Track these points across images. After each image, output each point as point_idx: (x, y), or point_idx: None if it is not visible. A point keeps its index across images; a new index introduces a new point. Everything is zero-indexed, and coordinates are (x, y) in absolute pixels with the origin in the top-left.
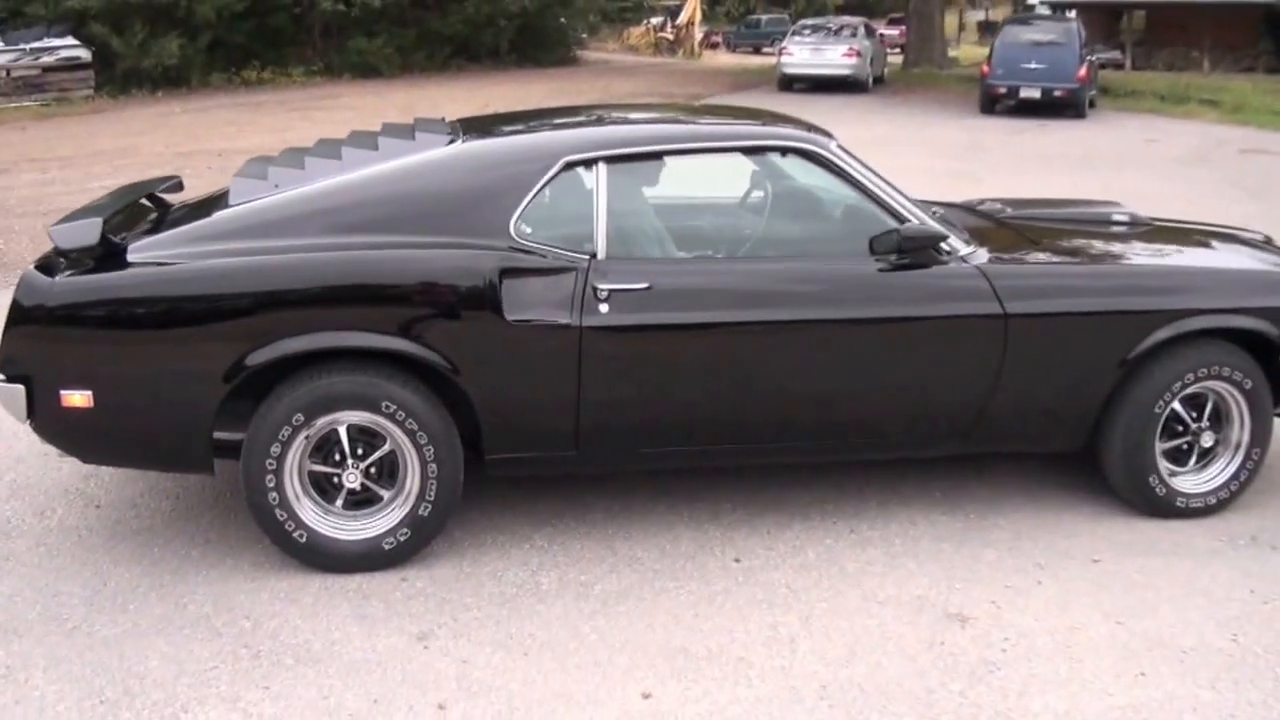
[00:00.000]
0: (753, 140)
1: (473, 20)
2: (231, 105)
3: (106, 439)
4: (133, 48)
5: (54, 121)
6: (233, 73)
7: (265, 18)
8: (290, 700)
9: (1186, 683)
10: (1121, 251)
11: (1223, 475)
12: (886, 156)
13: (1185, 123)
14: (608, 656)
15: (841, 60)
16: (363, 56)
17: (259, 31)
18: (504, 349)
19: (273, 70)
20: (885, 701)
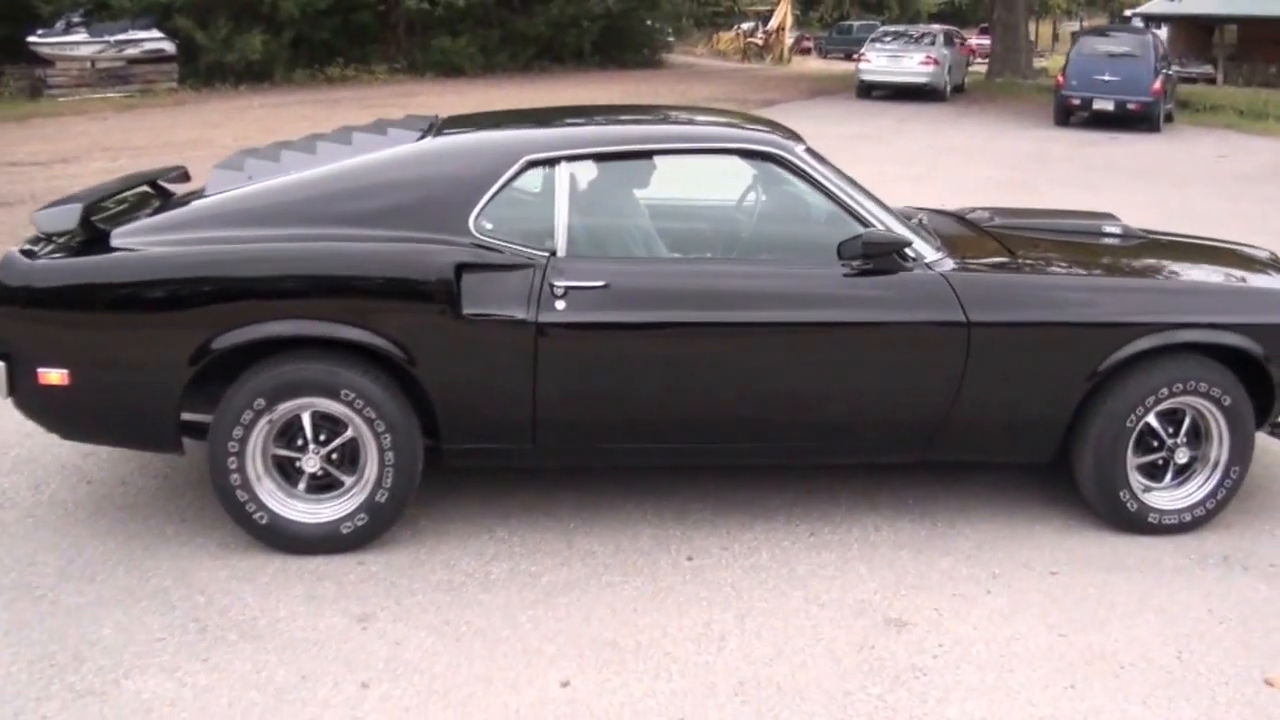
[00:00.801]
0: (718, 143)
1: (557, 21)
2: (310, 101)
3: (81, 416)
4: (216, 42)
5: (135, 112)
6: (316, 69)
7: (350, 15)
8: (225, 673)
9: (1117, 697)
10: (1098, 263)
11: (1200, 493)
12: (947, 165)
13: (1261, 139)
14: (537, 645)
15: (919, 68)
16: (446, 56)
17: (343, 28)
18: (460, 342)
19: (356, 67)
20: (799, 700)
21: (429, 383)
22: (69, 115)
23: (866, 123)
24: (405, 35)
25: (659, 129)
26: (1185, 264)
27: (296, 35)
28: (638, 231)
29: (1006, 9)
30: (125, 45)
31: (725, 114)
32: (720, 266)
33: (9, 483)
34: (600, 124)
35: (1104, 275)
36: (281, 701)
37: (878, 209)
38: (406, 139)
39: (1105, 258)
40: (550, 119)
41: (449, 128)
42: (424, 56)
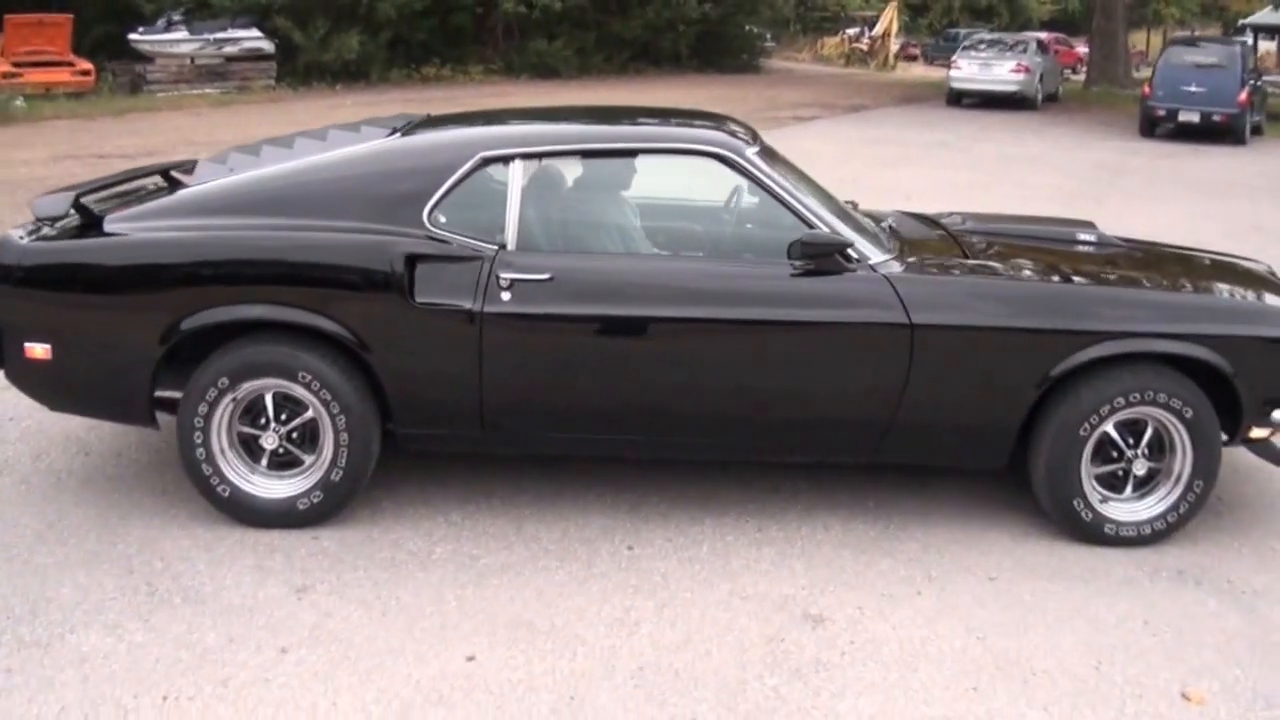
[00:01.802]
0: (668, 144)
1: (653, 25)
2: (401, 100)
3: (63, 389)
4: (314, 42)
5: (230, 109)
6: (412, 69)
7: (448, 16)
8: (160, 633)
9: (1019, 702)
10: (1056, 269)
11: (1161, 506)
12: (1016, 174)
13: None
14: (456, 622)
15: (1009, 76)
16: (541, 58)
17: (441, 30)
18: (411, 330)
19: (452, 68)
20: (693, 687)
21: (381, 368)
22: (165, 111)
23: (948, 130)
24: (503, 37)
25: (612, 129)
26: (1154, 274)
27: (394, 36)
28: (589, 227)
29: (1106, 17)
30: (224, 43)
31: (699, 115)
32: (665, 263)
33: (13, 451)
34: (559, 124)
35: (1058, 281)
36: (204, 661)
37: (824, 210)
38: (376, 136)
39: (1066, 264)
40: (515, 119)
41: (422, 127)
42: (520, 58)
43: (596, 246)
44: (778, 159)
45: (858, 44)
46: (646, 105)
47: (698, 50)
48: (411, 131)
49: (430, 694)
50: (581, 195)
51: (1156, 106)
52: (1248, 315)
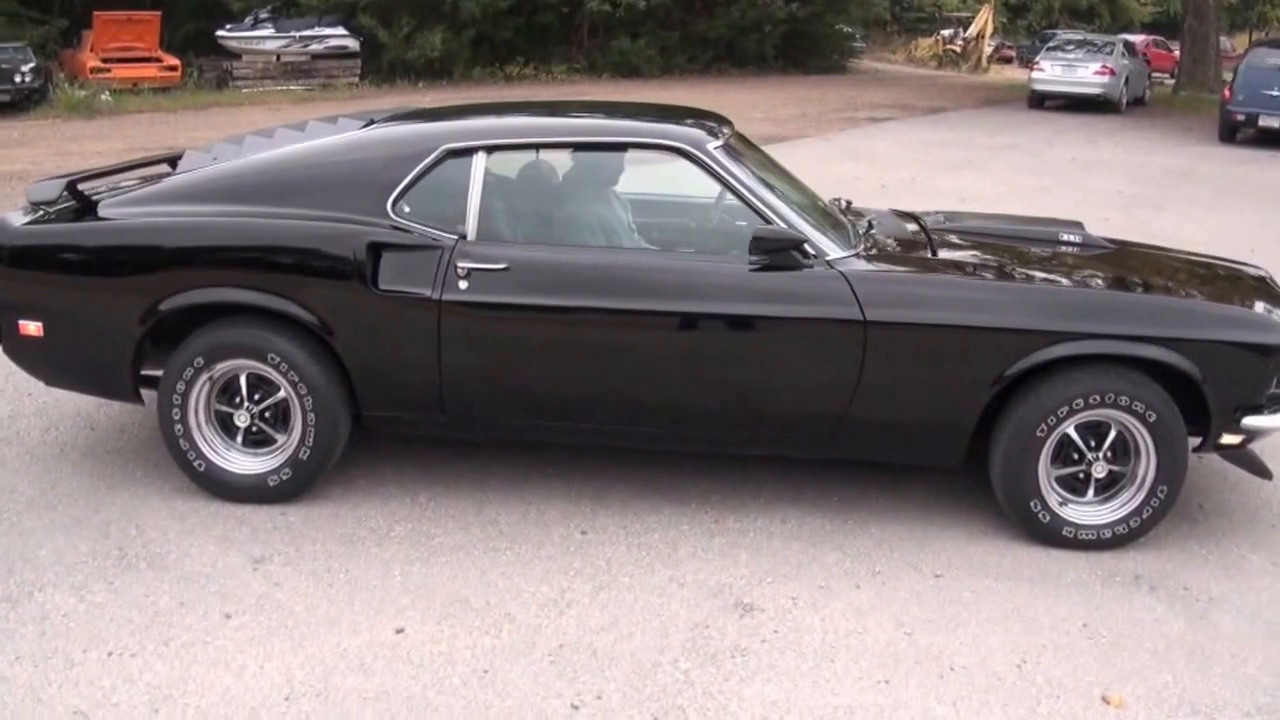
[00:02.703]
0: (627, 137)
1: (738, 25)
2: (479, 98)
3: (54, 365)
4: (398, 39)
5: (309, 105)
6: (496, 67)
7: (533, 15)
8: (121, 595)
9: (928, 696)
10: (1022, 269)
11: (1123, 510)
12: (1080, 178)
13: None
14: (394, 597)
15: (1092, 78)
16: (625, 57)
17: (526, 28)
18: (372, 316)
19: (535, 67)
20: (606, 666)
21: (344, 352)
22: (246, 106)
23: (1022, 133)
24: (588, 36)
25: (576, 123)
26: (1126, 276)
27: (478, 34)
28: (550, 219)
29: (1197, 18)
30: (310, 41)
31: (676, 111)
32: (620, 256)
33: (25, 424)
34: (523, 118)
35: (1021, 281)
36: (153, 622)
37: (784, 206)
38: (352, 128)
39: (1035, 264)
40: (485, 113)
41: (395, 120)
42: (603, 57)
43: (556, 239)
44: (748, 155)
45: (951, 45)
46: (633, 101)
47: (784, 51)
48: (385, 124)
49: (354, 662)
50: (544, 188)
51: (1236, 111)
52: (1216, 319)
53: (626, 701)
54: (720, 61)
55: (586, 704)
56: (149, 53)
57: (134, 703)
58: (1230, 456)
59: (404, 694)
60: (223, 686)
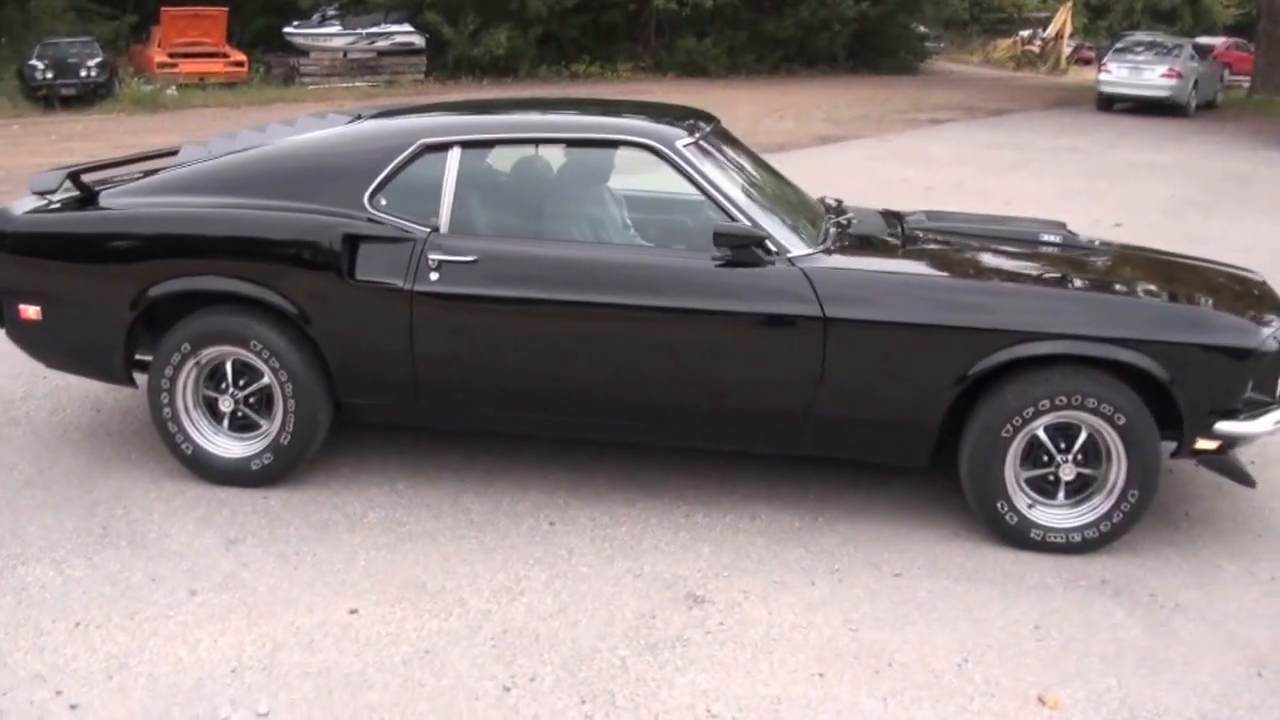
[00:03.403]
0: (599, 133)
1: (807, 24)
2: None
3: (52, 348)
4: (464, 37)
5: (372, 101)
6: (562, 65)
7: (600, 14)
8: (98, 570)
9: (858, 691)
10: (996, 269)
11: (1092, 514)
12: (1133, 182)
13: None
14: (355, 580)
15: (1159, 81)
16: (691, 56)
17: (593, 26)
18: (348, 306)
19: (601, 65)
20: (546, 651)
21: (321, 340)
22: (309, 101)
23: (1084, 135)
24: (655, 35)
25: (549, 119)
26: (1101, 276)
27: (545, 32)
28: (522, 213)
29: (1272, 21)
30: (376, 38)
31: (659, 108)
32: (588, 250)
33: (35, 405)
34: (499, 114)
35: (985, 280)
36: (123, 596)
37: (750, 204)
38: (339, 124)
39: (1005, 264)
40: (466, 110)
41: (379, 116)
42: (669, 56)
43: (527, 232)
44: (725, 153)
45: (1029, 46)
46: (622, 99)
47: (854, 50)
48: (370, 120)
49: (303, 639)
50: (517, 183)
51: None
52: (1185, 321)
53: (558, 685)
54: (790, 61)
55: (518, 686)
56: (216, 48)
57: (91, 670)
58: (1209, 463)
59: (345, 670)
60: (176, 658)
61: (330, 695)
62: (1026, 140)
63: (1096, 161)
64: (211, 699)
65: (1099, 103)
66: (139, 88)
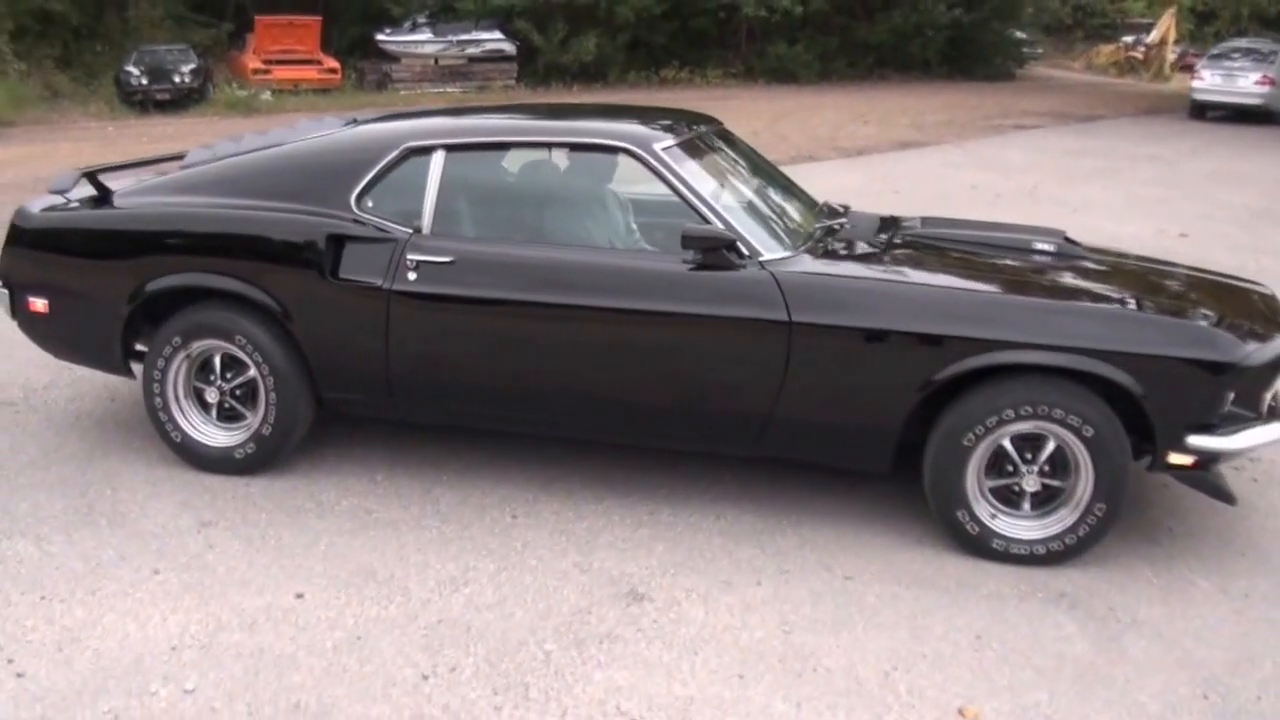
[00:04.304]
0: (578, 137)
1: (899, 30)
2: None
3: (57, 339)
4: (553, 44)
5: None
6: (651, 71)
7: (689, 20)
8: (74, 546)
9: (774, 694)
10: (970, 276)
11: (1058, 526)
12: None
13: None
14: (311, 564)
15: (1252, 88)
16: (781, 62)
17: (682, 33)
18: (327, 303)
19: (690, 71)
20: (473, 641)
21: (301, 336)
22: (398, 107)
23: (1169, 143)
24: (746, 41)
25: (532, 124)
26: (1083, 285)
27: (633, 38)
28: (504, 216)
29: None
30: (467, 45)
31: (652, 111)
32: (564, 252)
33: (54, 393)
34: (483, 118)
35: (957, 288)
36: (90, 573)
37: (725, 207)
38: (334, 128)
39: (985, 272)
40: (454, 115)
41: (372, 121)
42: (759, 62)
43: (507, 234)
44: (714, 155)
45: (1133, 53)
46: (621, 104)
47: (949, 56)
48: (364, 124)
49: (246, 620)
50: (498, 186)
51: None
52: (1160, 333)
53: (476, 675)
54: (882, 67)
55: (437, 674)
56: (309, 55)
57: (44, 641)
58: (1185, 479)
59: (276, 652)
60: (125, 633)
61: (256, 676)
62: (1109, 147)
63: (1177, 170)
64: (147, 674)
65: (1191, 110)
66: (233, 93)
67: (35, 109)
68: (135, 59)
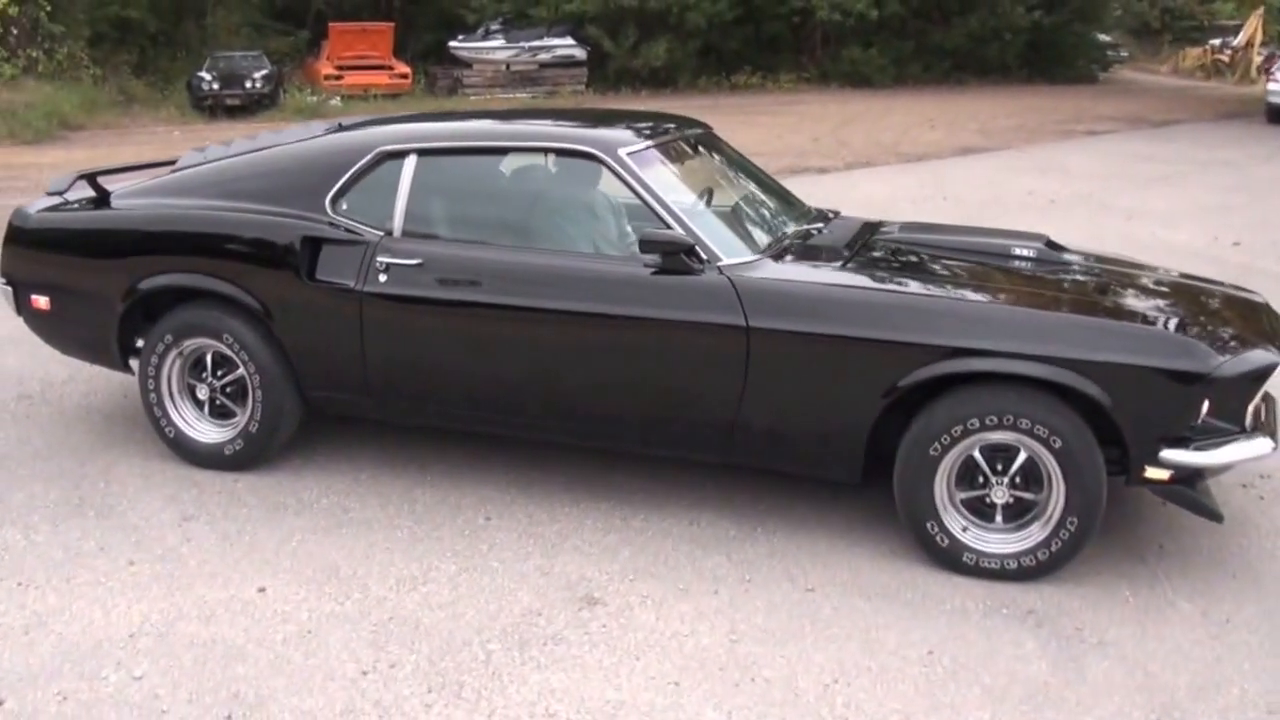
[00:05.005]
0: (545, 142)
1: (977, 34)
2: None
3: (59, 335)
4: (624, 49)
5: None
6: (722, 76)
7: (762, 25)
8: (59, 535)
9: (706, 702)
10: (937, 282)
11: (1029, 541)
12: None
13: None
14: (279, 560)
15: None
16: (855, 66)
17: (755, 38)
18: (305, 304)
19: (763, 76)
20: (419, 639)
21: (282, 336)
22: None
23: (1242, 148)
24: (820, 45)
25: (502, 128)
26: (1056, 292)
27: (705, 44)
28: (473, 219)
29: None
30: (539, 51)
31: (631, 115)
32: (529, 255)
33: (71, 388)
34: (455, 123)
35: (920, 293)
36: (69, 561)
37: (688, 212)
38: (319, 133)
39: (953, 277)
40: (430, 119)
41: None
42: (833, 67)
43: (476, 237)
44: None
45: (1219, 56)
46: (604, 109)
47: (1029, 60)
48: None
49: (205, 612)
50: (468, 190)
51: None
52: (1128, 341)
53: (415, 672)
54: (959, 71)
55: (377, 670)
56: (382, 61)
57: (12, 624)
58: (1165, 494)
59: (227, 643)
60: (89, 620)
61: (204, 665)
62: (1180, 152)
63: (1245, 176)
64: (102, 659)
65: (1269, 114)
66: (304, 98)
67: (107, 114)
68: (209, 65)
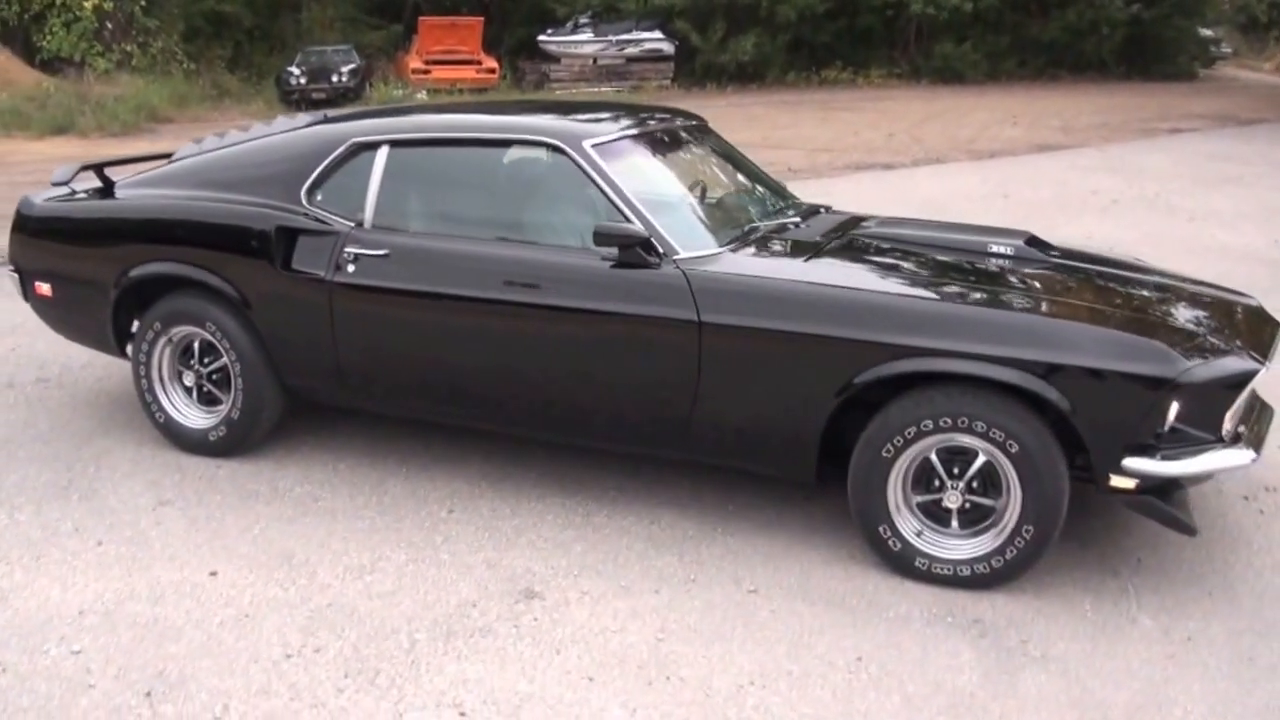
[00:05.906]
0: (511, 134)
1: (1074, 27)
2: (773, 103)
3: (61, 321)
4: (712, 43)
5: None
6: (812, 71)
7: (854, 19)
8: (40, 517)
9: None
10: (898, 279)
11: (984, 548)
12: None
13: None
14: (238, 546)
15: None
16: (947, 61)
17: (847, 32)
18: (279, 293)
19: (853, 70)
20: (350, 626)
21: (260, 324)
22: None
23: None
24: (914, 40)
25: (471, 119)
26: (1025, 292)
27: (795, 38)
28: (442, 211)
29: None
30: (626, 44)
31: (613, 107)
32: (492, 247)
33: (86, 373)
34: (426, 115)
35: (878, 290)
36: (43, 540)
37: (647, 205)
38: (304, 124)
39: (919, 275)
40: (409, 113)
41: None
42: (925, 62)
43: (444, 229)
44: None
45: None
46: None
47: (1126, 54)
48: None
49: (154, 593)
50: (438, 181)
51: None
52: (1092, 344)
53: (337, 658)
54: (1055, 66)
55: (300, 655)
56: (470, 55)
57: None
58: (1134, 505)
59: (166, 623)
60: (46, 597)
61: (140, 643)
62: (1257, 153)
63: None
64: (48, 634)
65: None
66: (389, 92)
67: (198, 107)
68: (299, 59)
